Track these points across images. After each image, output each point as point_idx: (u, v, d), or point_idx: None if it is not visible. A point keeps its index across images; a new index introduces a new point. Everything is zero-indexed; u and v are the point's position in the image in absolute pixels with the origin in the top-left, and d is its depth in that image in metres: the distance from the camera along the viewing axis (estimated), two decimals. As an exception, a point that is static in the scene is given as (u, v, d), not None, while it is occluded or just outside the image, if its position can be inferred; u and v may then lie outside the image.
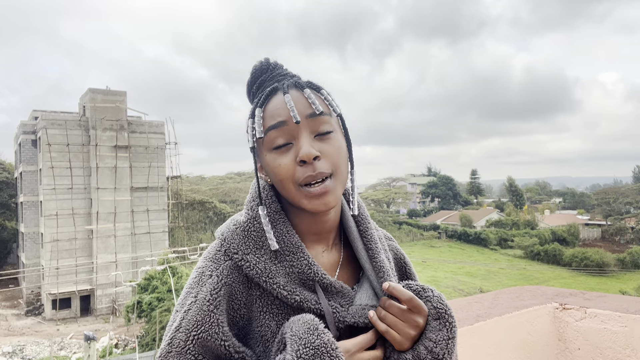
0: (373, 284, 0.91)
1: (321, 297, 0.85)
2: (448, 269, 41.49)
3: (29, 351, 19.98)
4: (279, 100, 0.84)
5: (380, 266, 0.91)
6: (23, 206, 31.17)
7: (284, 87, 0.86)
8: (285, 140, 0.83)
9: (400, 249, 1.08)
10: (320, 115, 0.84)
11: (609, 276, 39.47)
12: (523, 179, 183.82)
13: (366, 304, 0.88)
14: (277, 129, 0.83)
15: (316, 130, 0.84)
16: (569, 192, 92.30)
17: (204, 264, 0.89)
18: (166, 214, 32.44)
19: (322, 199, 0.82)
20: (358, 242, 0.94)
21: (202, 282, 0.86)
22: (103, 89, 30.71)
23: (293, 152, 0.83)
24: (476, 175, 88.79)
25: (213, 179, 60.26)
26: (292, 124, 0.83)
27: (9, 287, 32.33)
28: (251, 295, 0.87)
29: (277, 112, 0.84)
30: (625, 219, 57.04)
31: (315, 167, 0.82)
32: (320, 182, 0.82)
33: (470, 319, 1.98)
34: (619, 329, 1.99)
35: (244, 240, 0.87)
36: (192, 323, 0.82)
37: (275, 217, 0.89)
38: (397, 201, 74.66)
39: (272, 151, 0.84)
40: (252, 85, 0.93)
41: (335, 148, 0.85)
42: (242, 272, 0.86)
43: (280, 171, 0.83)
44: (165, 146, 32.46)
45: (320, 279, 0.85)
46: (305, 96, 0.84)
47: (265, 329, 0.85)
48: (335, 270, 0.93)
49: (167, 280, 19.94)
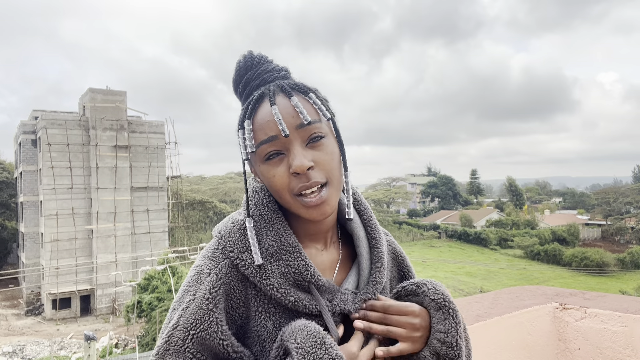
0: (363, 272, 0.92)
1: (317, 297, 0.85)
2: (448, 269, 41.49)
3: (29, 351, 19.98)
4: (267, 112, 0.82)
5: (379, 257, 0.93)
6: (23, 206, 31.17)
7: (270, 94, 0.83)
8: (277, 151, 0.83)
9: (397, 244, 1.09)
10: (309, 125, 0.82)
11: (609, 276, 39.46)
12: (523, 179, 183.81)
13: (346, 289, 0.90)
14: (268, 143, 0.82)
15: (307, 138, 0.82)
16: (569, 192, 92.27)
17: (202, 262, 0.89)
18: (166, 214, 32.43)
19: (318, 209, 0.83)
20: (361, 231, 0.96)
21: (201, 281, 0.86)
22: (103, 89, 30.71)
23: (286, 162, 0.82)
24: (476, 175, 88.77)
25: (213, 179, 60.23)
26: (282, 137, 0.81)
27: (9, 287, 32.33)
28: (248, 294, 0.87)
29: (267, 126, 0.82)
30: (625, 219, 57.04)
31: (309, 176, 0.81)
32: (316, 192, 0.82)
33: (470, 319, 1.97)
34: (619, 329, 1.99)
35: (240, 239, 0.87)
36: (191, 321, 0.82)
37: (272, 217, 0.89)
38: (397, 201, 74.64)
39: (265, 162, 0.84)
40: (237, 84, 0.91)
41: (328, 154, 0.84)
42: (239, 271, 0.86)
43: (275, 181, 0.83)
44: (165, 146, 32.47)
45: (315, 281, 0.85)
46: (293, 104, 0.82)
47: (261, 328, 0.85)
48: (334, 269, 0.93)
49: (167, 280, 19.94)
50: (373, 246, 0.95)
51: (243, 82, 0.89)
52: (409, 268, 1.07)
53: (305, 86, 0.86)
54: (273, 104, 0.82)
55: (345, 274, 0.94)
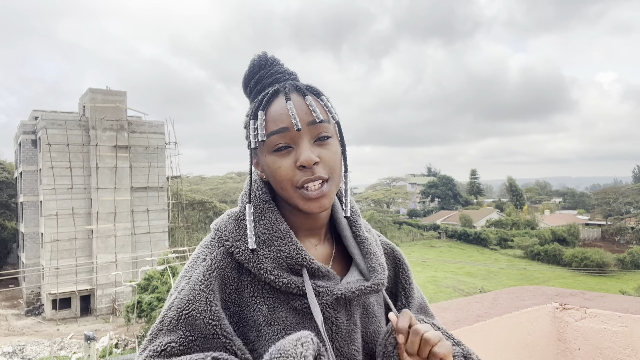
0: (360, 266, 0.95)
1: (306, 279, 0.87)
2: (448, 269, 41.48)
3: (29, 351, 19.98)
4: (281, 105, 0.87)
5: (367, 250, 0.96)
6: (23, 206, 31.18)
7: (285, 90, 0.89)
8: (286, 144, 0.87)
9: (391, 243, 1.12)
10: (320, 123, 0.87)
11: (609, 276, 39.46)
12: (523, 179, 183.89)
13: (354, 280, 0.92)
14: (279, 134, 0.86)
15: (315, 136, 0.88)
16: (569, 192, 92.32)
17: (199, 250, 0.93)
18: (166, 214, 32.44)
19: (317, 202, 0.87)
20: (347, 231, 0.99)
21: (196, 266, 0.89)
22: (103, 89, 30.71)
23: (293, 155, 0.87)
24: (476, 175, 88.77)
25: (213, 179, 60.27)
26: (293, 130, 0.86)
27: (9, 287, 32.33)
28: (242, 281, 0.89)
29: (279, 118, 0.87)
30: (625, 219, 57.05)
31: (314, 171, 0.86)
32: (318, 187, 0.86)
33: (470, 319, 1.97)
34: (619, 329, 1.99)
35: (235, 229, 0.92)
36: (184, 302, 0.85)
37: (264, 207, 0.93)
38: (397, 201, 74.59)
39: (273, 153, 0.88)
40: (249, 80, 0.95)
41: (333, 153, 0.89)
42: (234, 259, 0.89)
43: (280, 173, 0.87)
44: (165, 146, 32.48)
45: (308, 264, 0.88)
46: (307, 103, 0.87)
47: (257, 313, 0.87)
48: (328, 263, 0.97)
49: (167, 280, 19.95)
50: (360, 242, 0.98)
51: (256, 79, 0.94)
52: (404, 267, 1.09)
53: (318, 89, 0.92)
54: (288, 99, 0.87)
55: (340, 268, 0.97)
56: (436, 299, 29.26)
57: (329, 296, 0.87)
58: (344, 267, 0.98)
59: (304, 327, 0.85)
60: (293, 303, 0.87)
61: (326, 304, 0.87)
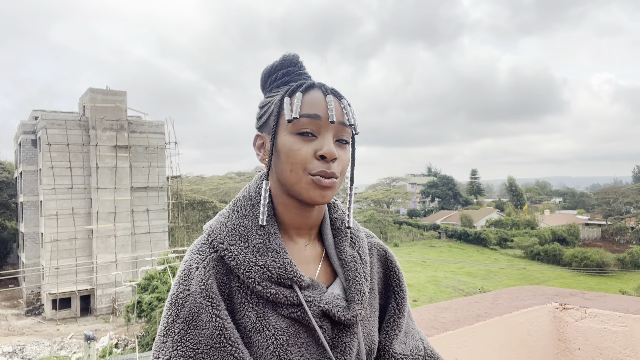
0: (341, 279, 0.96)
1: (297, 292, 0.88)
2: (448, 268, 41.47)
3: (29, 351, 19.98)
4: (319, 96, 0.90)
5: (347, 275, 0.96)
6: (23, 206, 31.17)
7: (323, 88, 0.92)
8: (312, 131, 0.89)
9: (383, 245, 1.12)
10: (349, 127, 0.91)
11: (609, 276, 39.46)
12: (522, 179, 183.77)
13: (337, 294, 0.93)
14: (310, 119, 0.88)
15: (338, 136, 0.91)
16: (569, 192, 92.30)
17: (190, 257, 0.91)
18: (166, 214, 32.43)
19: (323, 191, 0.88)
20: (331, 249, 1.00)
21: (192, 276, 0.88)
22: (103, 89, 30.71)
23: (314, 145, 0.89)
24: (476, 175, 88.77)
25: (213, 178, 60.25)
26: (324, 121, 0.89)
27: (9, 287, 32.33)
28: (232, 287, 0.89)
29: (315, 105, 0.89)
30: (625, 219, 57.03)
31: (331, 165, 0.88)
32: (329, 179, 0.88)
33: (470, 319, 1.97)
34: (619, 329, 1.99)
35: (231, 233, 0.91)
36: (188, 314, 0.85)
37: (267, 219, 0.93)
38: (397, 201, 74.56)
39: (296, 135, 0.89)
40: (278, 70, 0.98)
41: (346, 158, 0.93)
42: (225, 264, 0.89)
43: (297, 155, 0.88)
44: (165, 146, 32.48)
45: (297, 280, 0.88)
46: (342, 106, 0.91)
47: (246, 319, 0.87)
48: (318, 264, 0.97)
49: (167, 280, 19.95)
50: (343, 264, 0.98)
51: (285, 71, 0.97)
52: (395, 270, 1.09)
53: (348, 100, 0.95)
54: (327, 93, 0.90)
55: (329, 268, 0.98)
56: (436, 299, 29.25)
57: (315, 307, 0.88)
58: (332, 271, 0.99)
59: (294, 334, 0.86)
60: (281, 311, 0.87)
61: (313, 314, 0.88)
